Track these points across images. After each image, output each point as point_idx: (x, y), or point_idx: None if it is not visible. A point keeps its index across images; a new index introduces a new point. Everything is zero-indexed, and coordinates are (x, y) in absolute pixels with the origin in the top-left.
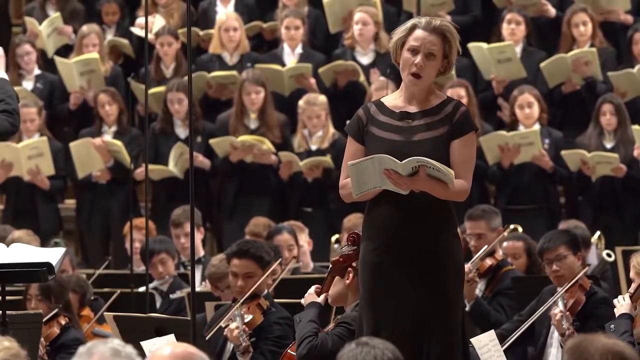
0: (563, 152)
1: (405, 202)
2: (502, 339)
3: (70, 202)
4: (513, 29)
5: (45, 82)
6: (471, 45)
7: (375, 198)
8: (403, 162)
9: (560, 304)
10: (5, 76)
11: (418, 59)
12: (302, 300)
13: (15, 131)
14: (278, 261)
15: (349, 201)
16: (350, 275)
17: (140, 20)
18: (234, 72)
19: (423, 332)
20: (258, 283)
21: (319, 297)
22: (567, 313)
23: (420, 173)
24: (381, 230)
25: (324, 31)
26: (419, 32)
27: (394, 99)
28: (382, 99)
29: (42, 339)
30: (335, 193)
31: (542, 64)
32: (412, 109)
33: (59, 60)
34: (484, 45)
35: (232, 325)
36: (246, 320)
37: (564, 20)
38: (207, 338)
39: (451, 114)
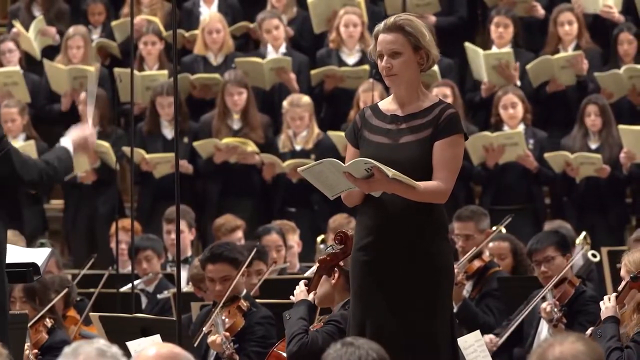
0: (546, 155)
1: (393, 204)
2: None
3: (56, 203)
4: (501, 33)
5: (28, 82)
6: (467, 45)
7: (366, 198)
8: (349, 163)
9: (548, 296)
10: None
11: (384, 62)
12: (293, 297)
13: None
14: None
15: (351, 205)
16: (336, 275)
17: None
18: (217, 75)
19: (408, 332)
20: (233, 284)
21: (308, 294)
22: (556, 301)
23: (375, 175)
24: (370, 230)
25: (311, 32)
26: (379, 37)
27: (388, 103)
28: (378, 103)
29: (32, 346)
30: (319, 194)
31: (528, 66)
32: (402, 112)
33: (47, 63)
34: (480, 50)
35: (213, 337)
36: (227, 327)
37: (551, 19)
38: (195, 345)
39: (437, 117)
